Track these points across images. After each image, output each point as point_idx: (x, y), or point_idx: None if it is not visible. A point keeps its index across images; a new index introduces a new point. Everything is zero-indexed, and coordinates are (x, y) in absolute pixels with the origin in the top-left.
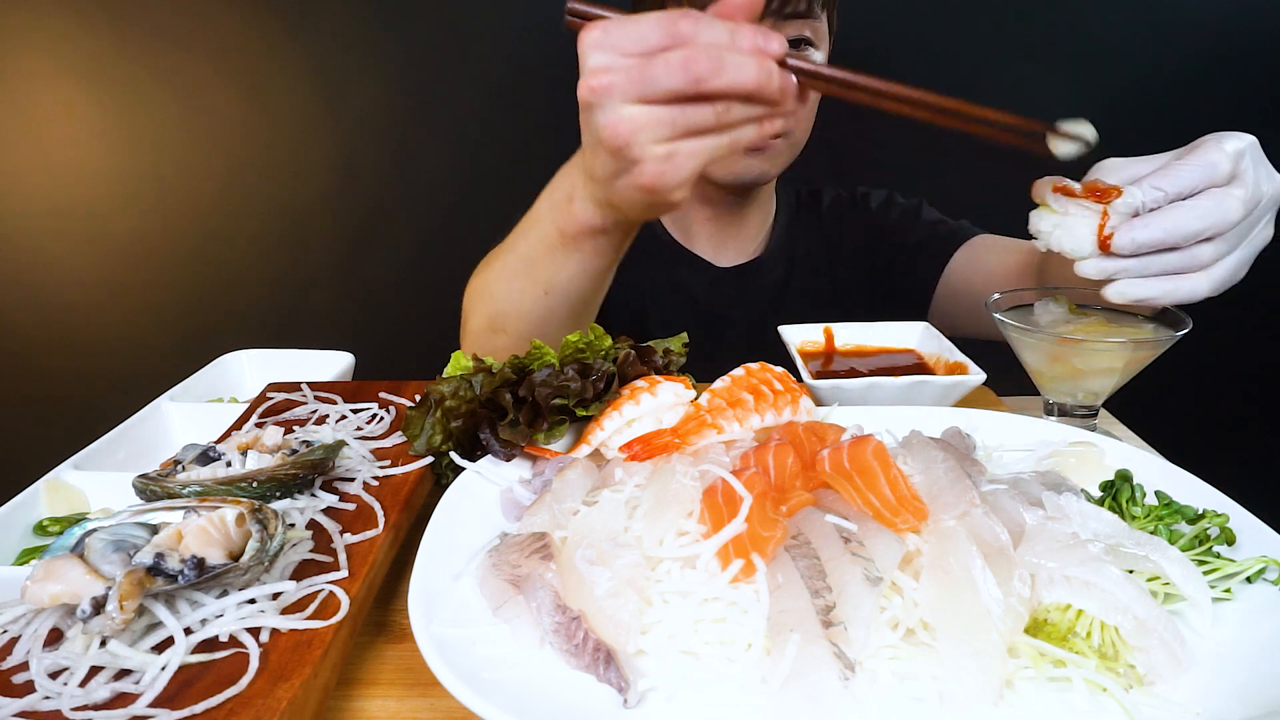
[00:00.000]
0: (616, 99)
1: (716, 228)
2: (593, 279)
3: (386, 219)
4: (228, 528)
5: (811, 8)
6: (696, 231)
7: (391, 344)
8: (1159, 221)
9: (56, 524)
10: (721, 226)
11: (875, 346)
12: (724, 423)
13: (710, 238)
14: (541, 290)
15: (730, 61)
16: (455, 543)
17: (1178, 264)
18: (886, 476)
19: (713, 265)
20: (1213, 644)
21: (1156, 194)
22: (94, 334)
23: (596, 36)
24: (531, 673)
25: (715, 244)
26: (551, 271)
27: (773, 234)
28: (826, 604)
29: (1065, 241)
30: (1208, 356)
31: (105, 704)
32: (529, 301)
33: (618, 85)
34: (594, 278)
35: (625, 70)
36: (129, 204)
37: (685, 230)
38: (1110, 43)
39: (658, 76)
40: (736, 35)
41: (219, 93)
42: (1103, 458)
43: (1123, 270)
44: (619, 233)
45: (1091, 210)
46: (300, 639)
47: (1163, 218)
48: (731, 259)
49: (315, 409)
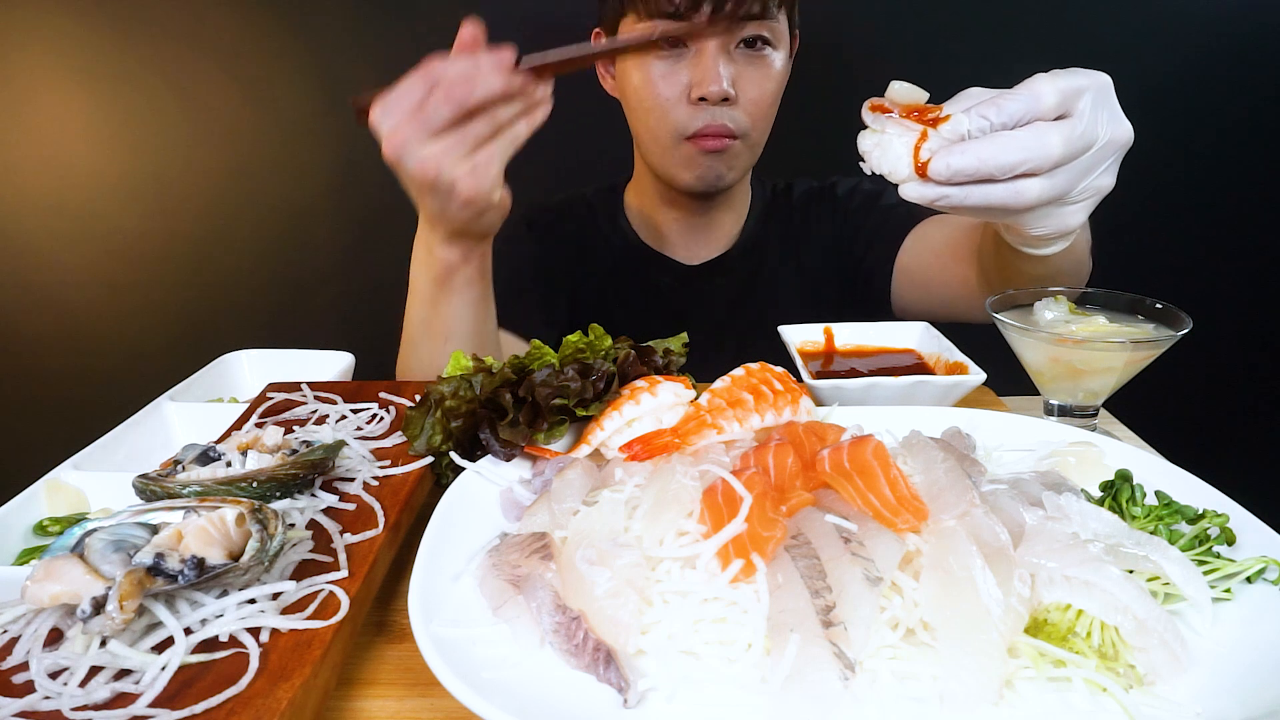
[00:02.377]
0: (413, 146)
1: (687, 229)
2: (475, 309)
3: (386, 219)
4: (228, 528)
5: (767, 9)
6: (666, 234)
7: (391, 344)
8: (975, 149)
9: (56, 524)
10: (692, 228)
11: (875, 346)
12: (724, 423)
13: (681, 239)
14: (442, 340)
15: (478, 80)
16: (455, 543)
17: (1000, 198)
18: (886, 476)
19: (682, 264)
20: (1213, 644)
21: (982, 122)
22: (94, 334)
23: (379, 110)
24: (531, 673)
25: (687, 245)
26: (442, 320)
27: (743, 230)
28: (826, 604)
29: (883, 163)
30: (1208, 356)
31: (105, 704)
32: (439, 355)
33: (408, 136)
34: (475, 307)
35: (408, 122)
36: (129, 203)
37: (655, 234)
38: (1110, 43)
39: (432, 114)
40: (475, 60)
41: (219, 93)
42: (1103, 458)
43: (943, 197)
44: (476, 257)
45: (911, 130)
46: (300, 639)
47: (979, 145)
48: (705, 258)
49: (315, 409)
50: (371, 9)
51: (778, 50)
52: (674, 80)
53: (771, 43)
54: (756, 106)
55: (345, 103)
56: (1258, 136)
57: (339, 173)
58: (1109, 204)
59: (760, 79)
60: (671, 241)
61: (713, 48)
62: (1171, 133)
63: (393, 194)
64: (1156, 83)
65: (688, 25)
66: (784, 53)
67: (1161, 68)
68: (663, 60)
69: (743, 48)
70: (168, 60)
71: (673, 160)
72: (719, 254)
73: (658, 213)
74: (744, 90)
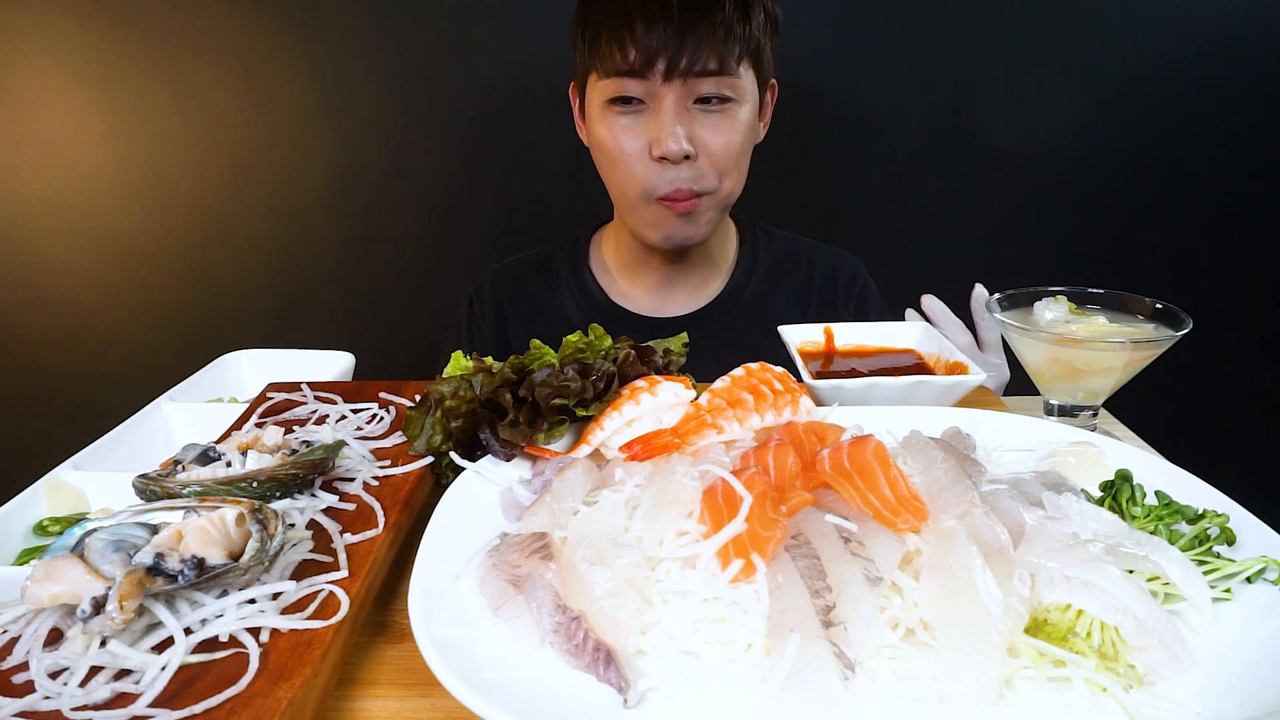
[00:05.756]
0: None
1: (664, 278)
2: None
3: (386, 219)
4: (228, 528)
5: (725, 66)
6: (636, 285)
7: (391, 344)
8: None
9: (56, 524)
10: (668, 276)
11: (875, 346)
12: (724, 423)
13: (651, 292)
14: None
15: None
16: (455, 543)
17: None
18: (886, 476)
19: (647, 318)
20: (1213, 644)
21: None
22: (94, 334)
23: None
24: (531, 673)
25: (655, 298)
26: None
27: (724, 288)
28: (826, 604)
29: None
30: (1208, 356)
31: (105, 704)
32: None
33: None
34: None
35: None
36: (129, 204)
37: (621, 287)
38: (1110, 43)
39: None
40: None
41: (219, 93)
42: (1103, 458)
43: None
44: None
45: None
46: (300, 639)
47: None
48: (678, 309)
49: (315, 409)
50: (371, 9)
51: (742, 104)
52: (635, 135)
53: (733, 99)
54: (722, 160)
55: (345, 103)
56: (1257, 136)
57: (339, 173)
58: (1109, 204)
59: (723, 132)
60: (637, 296)
61: (669, 105)
62: (1171, 132)
63: (393, 194)
64: (1157, 83)
65: None
66: (750, 106)
67: (1161, 68)
68: (624, 115)
69: (701, 105)
70: (168, 60)
71: (641, 219)
72: (692, 310)
73: (634, 263)
74: (705, 145)
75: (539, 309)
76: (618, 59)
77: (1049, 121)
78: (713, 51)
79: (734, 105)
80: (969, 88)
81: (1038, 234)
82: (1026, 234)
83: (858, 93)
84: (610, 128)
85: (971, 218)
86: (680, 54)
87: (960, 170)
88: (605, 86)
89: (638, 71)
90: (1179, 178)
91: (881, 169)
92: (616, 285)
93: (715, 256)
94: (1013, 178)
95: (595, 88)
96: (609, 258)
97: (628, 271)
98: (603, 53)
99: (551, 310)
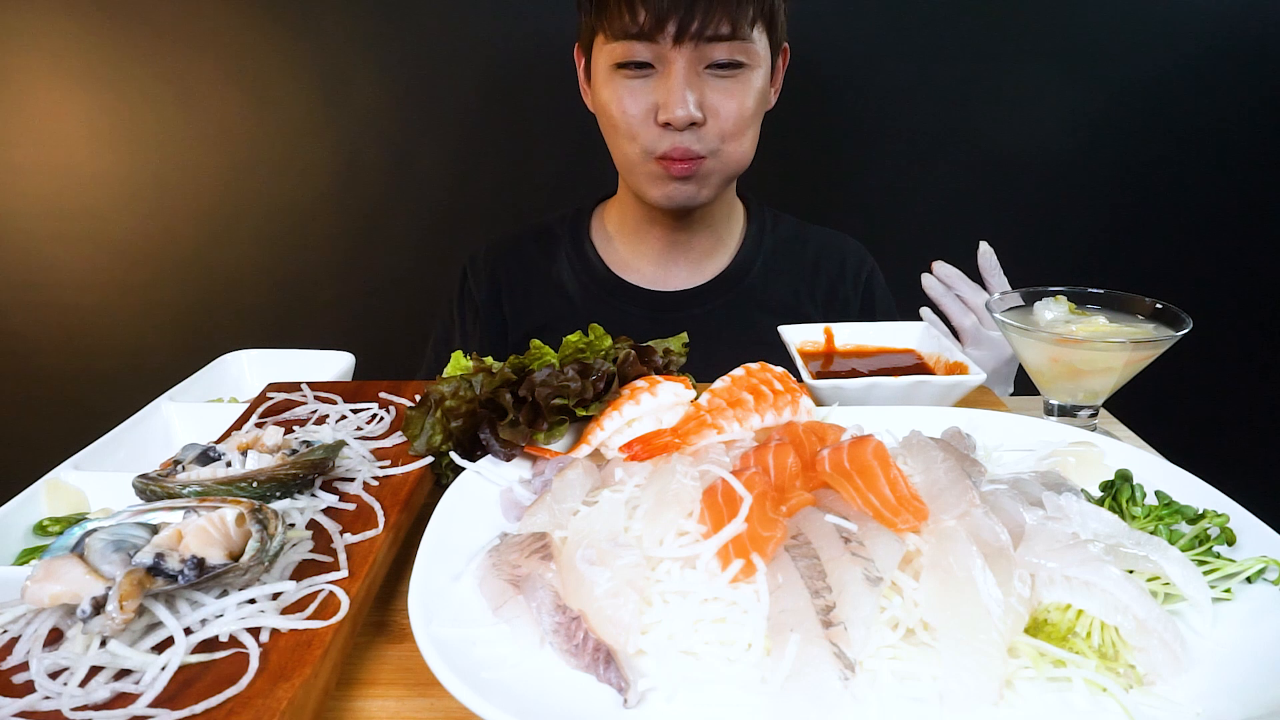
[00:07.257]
0: None
1: (665, 248)
2: None
3: (386, 219)
4: (228, 528)
5: (738, 30)
6: (640, 258)
7: (391, 344)
8: None
9: (56, 524)
10: (671, 246)
11: (875, 346)
12: (724, 423)
13: (654, 264)
14: None
15: None
16: (455, 543)
17: None
18: (886, 476)
19: (651, 291)
20: (1213, 644)
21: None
22: (94, 334)
23: None
24: (531, 673)
25: (660, 270)
26: None
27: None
28: (826, 604)
29: None
30: (1208, 356)
31: (105, 704)
32: None
33: None
34: None
35: None
36: (129, 204)
37: (626, 259)
38: (1110, 43)
39: None
40: None
41: (219, 93)
42: (1103, 458)
43: None
44: None
45: None
46: (300, 639)
47: None
48: (680, 283)
49: (315, 409)
50: (371, 9)
51: (754, 70)
52: (641, 100)
53: (746, 64)
54: (732, 124)
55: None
56: (1257, 136)
57: (339, 173)
58: (1110, 204)
59: (734, 97)
60: (641, 268)
61: (680, 71)
62: (1171, 133)
63: (393, 194)
64: (1157, 83)
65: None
66: (762, 71)
67: (1161, 68)
68: (631, 79)
69: (713, 69)
70: (168, 61)
71: (641, 177)
72: (698, 282)
73: (638, 229)
74: (716, 111)
75: (535, 279)
76: (626, 20)
77: (1048, 123)
78: (725, 14)
79: (747, 70)
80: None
81: (1038, 234)
82: (1026, 234)
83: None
84: (615, 90)
85: (971, 219)
86: (691, 16)
87: (961, 170)
88: (612, 50)
89: (647, 34)
90: (1179, 178)
91: (882, 166)
92: (618, 255)
93: (720, 230)
94: (1013, 178)
95: (602, 51)
96: (612, 225)
97: (631, 238)
98: (610, 13)
99: (548, 280)
